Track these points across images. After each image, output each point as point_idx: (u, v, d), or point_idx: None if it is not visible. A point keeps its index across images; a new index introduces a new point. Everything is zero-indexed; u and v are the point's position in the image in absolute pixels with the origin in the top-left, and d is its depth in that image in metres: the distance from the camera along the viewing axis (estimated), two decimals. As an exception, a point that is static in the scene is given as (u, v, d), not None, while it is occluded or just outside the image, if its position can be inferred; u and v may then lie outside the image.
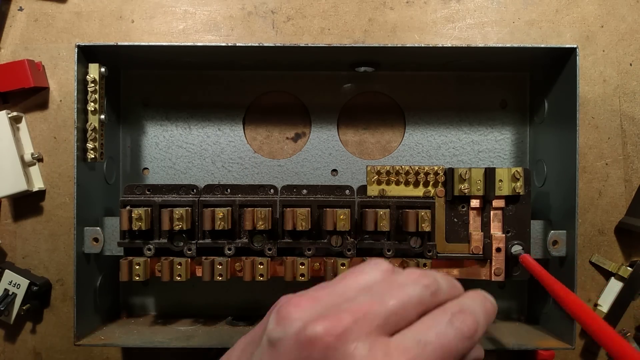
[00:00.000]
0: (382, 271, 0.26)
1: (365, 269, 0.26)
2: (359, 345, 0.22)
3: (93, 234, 0.41)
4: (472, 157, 0.47)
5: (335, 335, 0.22)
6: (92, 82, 0.40)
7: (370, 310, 0.23)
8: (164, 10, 0.48)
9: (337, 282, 0.26)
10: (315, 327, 0.22)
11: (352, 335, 0.22)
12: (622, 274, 0.45)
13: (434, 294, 0.25)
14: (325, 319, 0.23)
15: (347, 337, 0.22)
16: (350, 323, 0.22)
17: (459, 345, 0.23)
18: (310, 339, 0.22)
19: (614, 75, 0.47)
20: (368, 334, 0.22)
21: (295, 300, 0.24)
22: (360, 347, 0.22)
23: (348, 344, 0.22)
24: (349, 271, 0.27)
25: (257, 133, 0.48)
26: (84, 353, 0.48)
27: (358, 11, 0.47)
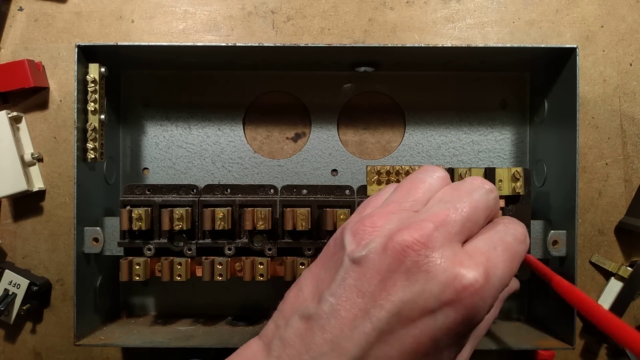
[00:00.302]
0: (440, 177, 0.27)
1: (423, 177, 0.27)
2: (445, 251, 0.23)
3: (93, 234, 0.41)
4: (472, 157, 0.47)
5: (423, 243, 0.23)
6: (92, 82, 0.40)
7: (448, 217, 0.24)
8: (164, 10, 0.48)
9: (400, 195, 0.27)
10: (402, 236, 0.23)
11: (437, 242, 0.23)
12: (622, 274, 0.45)
13: (496, 199, 0.27)
14: (409, 228, 0.23)
15: (433, 244, 0.23)
16: (433, 230, 0.23)
17: (519, 247, 0.25)
18: (399, 249, 0.23)
19: (614, 75, 0.47)
20: (450, 241, 0.24)
21: (367, 221, 0.25)
22: (447, 253, 0.23)
23: (435, 251, 0.23)
24: (407, 181, 0.27)
25: (257, 133, 0.48)
26: (84, 353, 0.48)
27: (358, 11, 0.47)
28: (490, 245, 0.24)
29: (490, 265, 0.23)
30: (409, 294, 0.22)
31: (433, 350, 0.23)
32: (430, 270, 0.22)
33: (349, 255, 0.24)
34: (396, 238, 0.23)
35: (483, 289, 0.22)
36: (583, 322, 0.47)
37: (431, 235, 0.23)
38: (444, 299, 0.22)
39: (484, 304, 0.23)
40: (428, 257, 0.23)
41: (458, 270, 0.22)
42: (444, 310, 0.22)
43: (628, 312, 0.46)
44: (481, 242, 0.25)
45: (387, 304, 0.22)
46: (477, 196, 0.26)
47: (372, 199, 0.29)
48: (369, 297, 0.23)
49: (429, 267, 0.22)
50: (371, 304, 0.23)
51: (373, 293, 0.23)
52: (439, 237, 0.23)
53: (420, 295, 0.22)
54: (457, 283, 0.22)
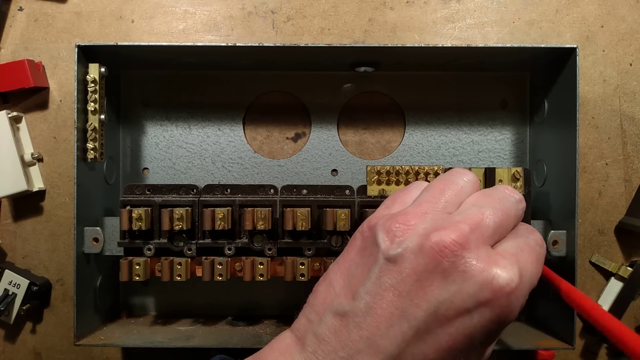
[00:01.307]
0: (471, 182, 0.28)
1: (455, 179, 0.28)
2: (480, 253, 0.24)
3: (93, 234, 0.41)
4: (472, 157, 0.47)
5: (460, 244, 0.23)
6: (92, 82, 0.40)
7: (483, 221, 0.25)
8: (164, 10, 0.47)
9: (433, 195, 0.27)
10: (440, 236, 0.23)
11: (472, 244, 0.24)
12: (622, 274, 0.45)
13: (524, 209, 0.28)
14: (446, 228, 0.24)
15: (469, 245, 0.23)
16: (469, 232, 0.24)
17: (541, 250, 0.26)
18: (437, 249, 0.23)
19: (614, 75, 0.47)
20: (483, 243, 0.24)
21: (401, 218, 0.25)
22: (482, 254, 0.24)
23: (471, 252, 0.23)
24: (439, 182, 0.28)
25: (257, 133, 0.48)
26: (84, 353, 0.48)
27: (358, 11, 0.47)
28: (518, 248, 0.25)
29: (522, 266, 0.24)
30: (445, 294, 0.23)
31: (468, 347, 0.23)
32: (467, 271, 0.23)
33: (384, 253, 0.24)
34: (433, 238, 0.23)
35: (518, 289, 0.23)
36: (583, 322, 0.47)
37: (467, 236, 0.24)
38: (481, 298, 0.23)
39: (518, 302, 0.24)
40: (464, 257, 0.23)
41: (495, 270, 0.23)
42: (480, 310, 0.23)
43: (628, 312, 0.46)
44: (509, 245, 0.25)
45: (424, 304, 0.23)
46: (508, 204, 0.27)
47: (400, 195, 0.29)
48: (405, 296, 0.23)
49: (465, 267, 0.23)
50: (408, 303, 0.23)
51: (410, 292, 0.23)
52: (473, 239, 0.24)
53: (457, 295, 0.23)
54: (495, 283, 0.23)
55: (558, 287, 0.30)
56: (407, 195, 0.29)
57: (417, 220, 0.25)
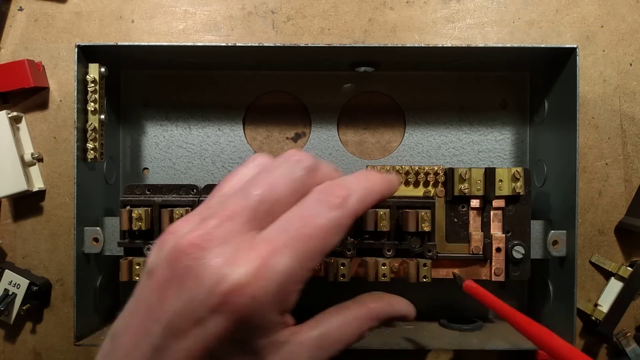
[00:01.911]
0: (258, 165, 0.25)
1: (237, 169, 0.25)
2: (225, 249, 0.20)
3: (93, 234, 0.41)
4: (472, 157, 0.47)
5: (197, 245, 0.20)
6: (92, 82, 0.40)
7: (237, 207, 0.22)
8: (164, 10, 0.48)
9: (212, 193, 0.24)
10: (181, 241, 0.21)
11: (216, 240, 0.21)
12: (622, 274, 0.45)
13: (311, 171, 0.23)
14: (193, 230, 0.21)
15: (210, 244, 0.21)
16: (214, 227, 0.21)
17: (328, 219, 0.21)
18: (175, 254, 0.21)
19: (614, 75, 0.47)
20: (237, 234, 0.21)
21: (172, 226, 0.22)
22: (227, 250, 0.20)
23: (211, 251, 0.20)
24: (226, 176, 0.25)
25: (257, 133, 0.48)
26: (84, 353, 0.48)
27: (358, 11, 0.47)
28: (282, 229, 0.21)
29: (271, 256, 0.20)
30: (180, 304, 0.20)
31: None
32: (199, 274, 0.20)
33: (146, 265, 0.22)
34: (177, 244, 0.21)
35: (251, 287, 0.20)
36: (583, 322, 0.47)
37: (210, 233, 0.21)
38: (211, 304, 0.20)
39: (257, 303, 0.20)
40: (201, 259, 0.20)
41: (225, 270, 0.20)
42: (213, 317, 0.20)
43: (628, 312, 0.46)
44: (274, 226, 0.22)
45: (162, 317, 0.20)
46: (278, 172, 0.23)
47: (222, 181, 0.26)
48: (150, 311, 0.21)
49: (198, 270, 0.20)
50: (151, 319, 0.21)
51: (153, 306, 0.21)
52: (220, 233, 0.21)
53: (190, 304, 0.20)
54: (222, 285, 0.20)
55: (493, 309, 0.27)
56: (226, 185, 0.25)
57: (184, 224, 0.22)
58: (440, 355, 0.47)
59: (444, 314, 0.46)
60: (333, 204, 0.22)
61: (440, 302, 0.47)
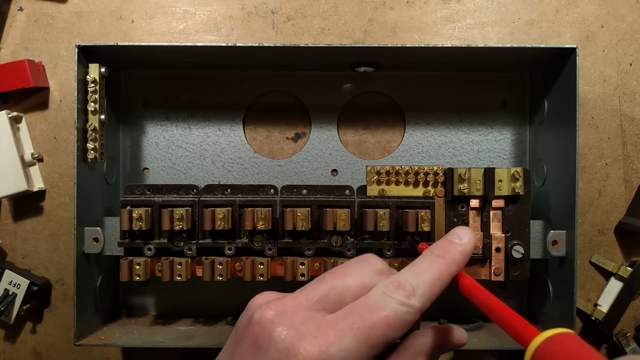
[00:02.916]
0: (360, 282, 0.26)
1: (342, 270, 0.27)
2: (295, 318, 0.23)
3: (93, 234, 0.41)
4: (472, 157, 0.47)
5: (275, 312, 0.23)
6: (92, 82, 0.40)
7: (311, 288, 0.25)
8: (164, 10, 0.48)
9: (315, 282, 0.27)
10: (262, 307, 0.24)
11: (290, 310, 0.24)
12: (622, 274, 0.45)
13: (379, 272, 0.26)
14: (271, 302, 0.24)
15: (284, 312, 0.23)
16: (291, 301, 0.24)
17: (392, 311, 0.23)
18: (255, 318, 0.24)
19: (614, 75, 0.47)
20: (307, 308, 0.24)
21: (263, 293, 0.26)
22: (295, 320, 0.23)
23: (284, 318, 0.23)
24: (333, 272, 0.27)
25: (257, 133, 0.48)
26: (84, 353, 0.48)
27: (358, 11, 0.47)
28: (349, 313, 0.23)
29: (337, 336, 0.22)
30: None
31: None
32: (272, 346, 0.23)
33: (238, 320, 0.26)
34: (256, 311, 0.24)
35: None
36: (583, 322, 0.47)
37: (286, 306, 0.24)
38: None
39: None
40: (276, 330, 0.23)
41: (293, 343, 0.22)
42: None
43: (628, 312, 0.46)
44: (342, 311, 0.24)
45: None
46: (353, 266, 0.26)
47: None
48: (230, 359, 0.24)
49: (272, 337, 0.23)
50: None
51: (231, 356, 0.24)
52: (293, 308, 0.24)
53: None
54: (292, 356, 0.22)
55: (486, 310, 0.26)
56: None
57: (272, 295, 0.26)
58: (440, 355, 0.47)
59: (444, 314, 0.46)
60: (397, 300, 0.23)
61: (440, 302, 0.47)
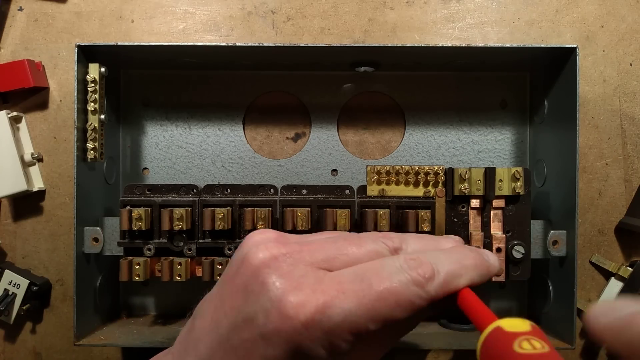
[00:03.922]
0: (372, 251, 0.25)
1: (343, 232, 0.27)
2: (294, 269, 0.21)
3: (93, 234, 0.41)
4: (472, 157, 0.47)
5: (272, 255, 0.22)
6: (92, 82, 0.40)
7: (320, 246, 0.23)
8: (164, 10, 0.47)
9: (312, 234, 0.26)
10: (259, 246, 0.22)
11: (291, 260, 0.22)
12: (622, 274, 0.45)
13: (394, 250, 0.23)
14: (274, 242, 0.23)
15: (284, 259, 0.22)
16: (294, 250, 0.22)
17: (404, 288, 0.21)
18: (250, 257, 0.22)
19: (614, 75, 0.47)
20: (310, 263, 0.22)
21: (263, 230, 0.24)
22: (294, 271, 0.21)
23: (282, 265, 0.21)
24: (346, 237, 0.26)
25: (257, 133, 0.48)
26: (84, 353, 0.48)
27: (358, 11, 0.47)
28: (356, 277, 0.21)
29: (337, 296, 0.20)
30: (244, 312, 0.21)
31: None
32: (264, 292, 0.21)
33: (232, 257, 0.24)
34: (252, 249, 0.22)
35: (311, 321, 0.20)
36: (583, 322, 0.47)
37: (289, 252, 0.22)
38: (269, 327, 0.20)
39: (312, 339, 0.20)
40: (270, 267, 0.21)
41: (287, 292, 0.20)
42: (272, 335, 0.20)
43: (628, 312, 0.46)
44: (348, 271, 0.22)
45: (230, 314, 0.22)
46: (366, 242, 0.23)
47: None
48: (222, 303, 0.23)
49: (265, 288, 0.21)
50: (221, 312, 0.23)
51: (225, 300, 0.23)
52: (296, 256, 0.22)
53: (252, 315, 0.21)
54: (282, 307, 0.20)
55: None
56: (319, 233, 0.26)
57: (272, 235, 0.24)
58: (440, 355, 0.47)
59: (444, 314, 0.46)
60: (413, 279, 0.21)
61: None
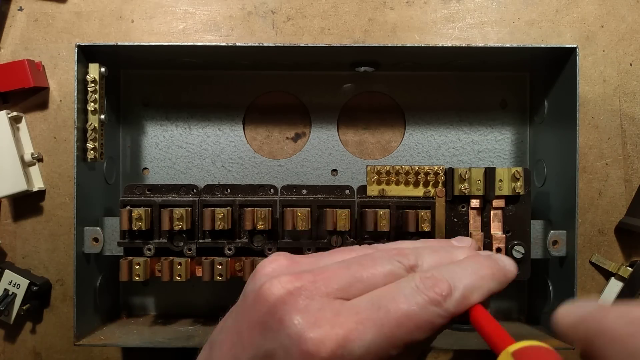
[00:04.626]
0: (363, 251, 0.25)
1: (354, 247, 0.26)
2: (311, 303, 0.21)
3: (93, 234, 0.41)
4: (472, 157, 0.47)
5: (288, 290, 0.21)
6: (92, 82, 0.40)
7: (334, 274, 0.22)
8: (164, 10, 0.47)
9: (324, 254, 0.25)
10: (273, 281, 0.22)
11: (306, 293, 0.21)
12: (622, 274, 0.45)
13: (410, 269, 0.23)
14: (287, 275, 0.22)
15: (299, 293, 0.21)
16: (308, 282, 0.22)
17: (422, 310, 0.20)
18: (265, 292, 0.22)
19: (614, 75, 0.47)
20: (325, 294, 0.21)
21: (274, 257, 0.24)
22: (311, 305, 0.21)
23: (299, 300, 0.21)
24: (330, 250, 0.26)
25: (257, 133, 0.48)
26: (84, 353, 0.48)
27: (358, 11, 0.47)
28: (373, 305, 0.21)
29: (356, 328, 0.20)
30: (263, 347, 0.21)
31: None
32: (283, 329, 0.20)
33: (245, 286, 0.24)
34: (267, 282, 0.22)
35: (333, 357, 0.19)
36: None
37: (304, 285, 0.21)
38: (292, 354, 0.20)
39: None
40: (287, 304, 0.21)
41: (306, 330, 0.20)
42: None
43: (628, 312, 0.46)
44: (364, 299, 0.21)
45: (248, 349, 0.21)
46: (380, 263, 0.23)
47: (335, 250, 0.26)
48: (240, 337, 0.22)
49: (283, 325, 0.20)
50: (239, 345, 0.22)
51: (242, 334, 0.22)
52: (312, 289, 0.21)
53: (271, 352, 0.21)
54: (302, 345, 0.20)
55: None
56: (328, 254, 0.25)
57: (284, 263, 0.23)
58: (440, 355, 0.47)
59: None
60: (431, 299, 0.21)
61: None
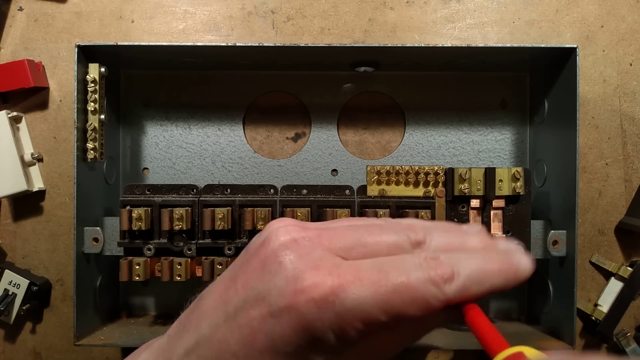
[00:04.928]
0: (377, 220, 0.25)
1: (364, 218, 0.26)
2: (313, 252, 0.21)
3: (93, 234, 0.41)
4: (472, 157, 0.47)
5: (292, 238, 0.22)
6: (92, 82, 0.40)
7: (340, 233, 0.22)
8: (164, 10, 0.47)
9: (334, 220, 0.26)
10: (280, 229, 0.22)
11: (310, 243, 0.21)
12: (622, 274, 0.45)
13: (416, 244, 0.22)
14: (294, 225, 0.22)
15: (303, 242, 0.21)
16: (314, 235, 0.22)
17: (421, 286, 0.20)
18: (271, 238, 0.22)
19: (614, 75, 0.47)
20: (327, 249, 0.22)
21: (282, 218, 0.24)
22: (313, 253, 0.21)
23: (301, 248, 0.21)
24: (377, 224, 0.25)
25: (257, 133, 0.48)
26: (84, 353, 0.48)
27: (358, 11, 0.47)
28: (374, 267, 0.21)
29: (353, 282, 0.20)
30: (259, 287, 0.21)
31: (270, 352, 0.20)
32: (281, 269, 0.21)
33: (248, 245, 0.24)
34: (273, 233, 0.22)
35: (324, 301, 0.19)
36: (583, 322, 0.47)
37: (307, 236, 0.22)
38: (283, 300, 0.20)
39: (322, 320, 0.20)
40: (286, 255, 0.21)
41: (303, 271, 0.20)
42: (282, 312, 0.20)
43: (628, 312, 0.46)
44: (368, 261, 0.21)
45: (241, 290, 0.22)
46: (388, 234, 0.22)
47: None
48: (233, 281, 0.22)
49: (282, 263, 0.21)
50: (232, 289, 0.22)
51: (237, 278, 0.22)
52: (316, 241, 0.22)
53: (266, 290, 0.21)
54: (297, 283, 0.20)
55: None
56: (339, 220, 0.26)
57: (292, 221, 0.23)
58: (440, 355, 0.47)
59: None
60: (431, 278, 0.20)
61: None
